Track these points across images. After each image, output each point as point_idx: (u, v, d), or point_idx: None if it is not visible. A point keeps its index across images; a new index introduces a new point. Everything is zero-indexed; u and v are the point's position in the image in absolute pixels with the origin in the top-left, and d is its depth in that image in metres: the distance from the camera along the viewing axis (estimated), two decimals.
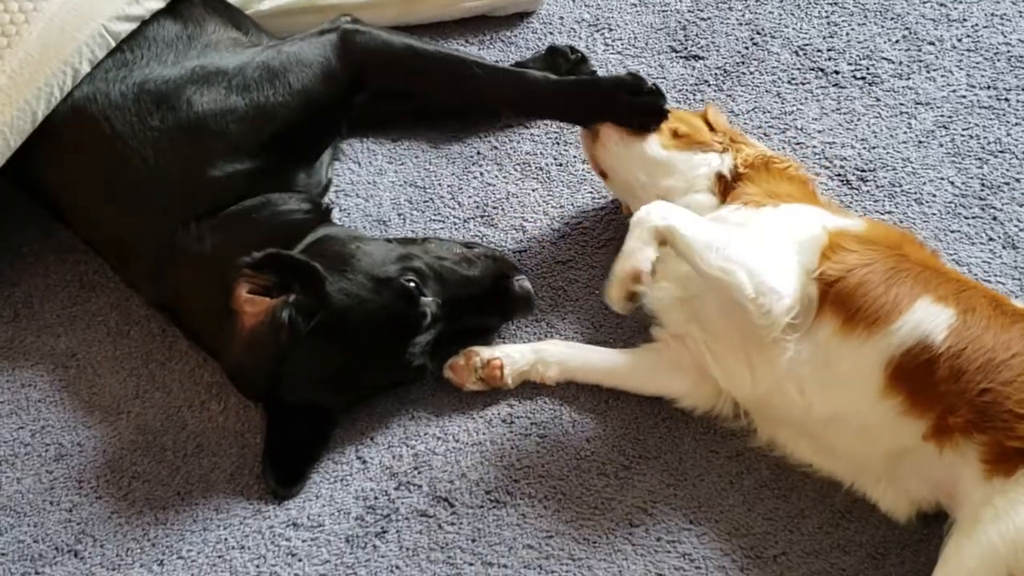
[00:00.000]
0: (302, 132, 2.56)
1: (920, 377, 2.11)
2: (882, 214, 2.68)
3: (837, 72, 2.97)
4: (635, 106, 2.55)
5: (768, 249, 2.24)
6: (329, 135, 2.70)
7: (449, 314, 2.41)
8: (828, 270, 2.22)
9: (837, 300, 2.20)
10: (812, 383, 2.21)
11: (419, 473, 2.40)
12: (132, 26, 2.61)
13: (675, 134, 2.55)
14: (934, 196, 2.71)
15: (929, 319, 2.13)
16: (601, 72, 3.01)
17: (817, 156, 2.81)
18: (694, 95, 2.96)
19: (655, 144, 2.56)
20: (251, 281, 2.28)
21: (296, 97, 2.53)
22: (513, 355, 2.44)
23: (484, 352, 2.42)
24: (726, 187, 2.46)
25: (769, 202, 2.37)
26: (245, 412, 2.49)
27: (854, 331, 2.17)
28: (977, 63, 2.95)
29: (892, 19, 3.06)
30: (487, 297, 2.46)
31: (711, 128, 2.56)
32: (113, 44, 2.59)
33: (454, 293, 2.42)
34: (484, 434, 2.43)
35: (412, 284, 2.36)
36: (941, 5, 3.07)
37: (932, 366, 2.10)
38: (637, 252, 2.25)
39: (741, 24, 3.09)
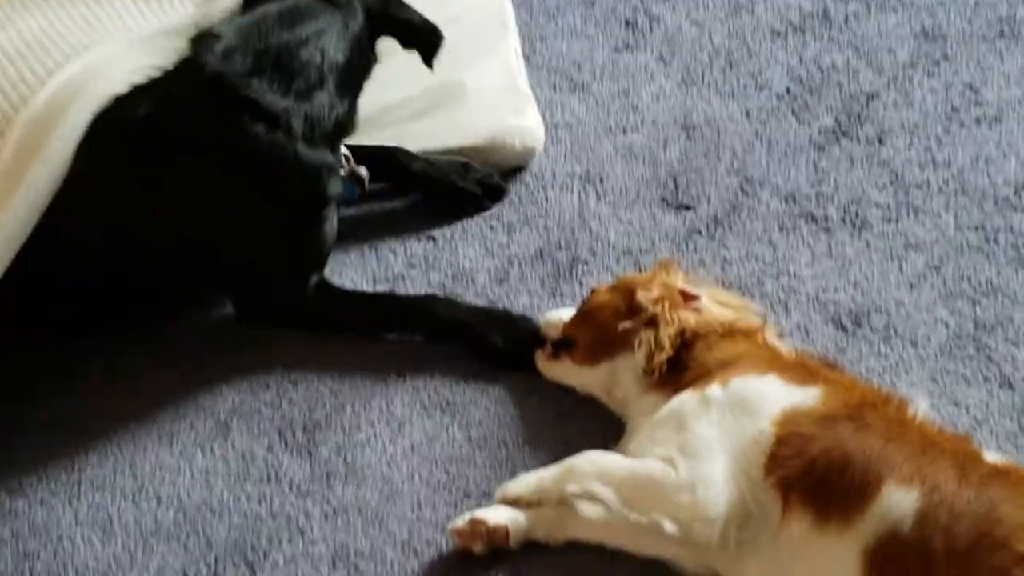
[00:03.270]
0: None
1: (894, 566, 2.07)
2: (878, 357, 2.70)
3: (827, 218, 3.02)
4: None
5: (691, 473, 2.23)
6: None
7: None
8: (783, 474, 2.18)
9: (805, 496, 2.15)
10: None
11: None
12: None
13: (589, 347, 2.59)
14: (928, 338, 2.73)
15: (895, 506, 2.08)
16: (594, 224, 3.06)
17: (811, 301, 2.84)
18: (687, 244, 3.00)
19: (569, 366, 2.64)
20: None
21: None
22: (519, 519, 2.41)
23: (490, 520, 2.39)
24: (669, 373, 2.45)
25: (718, 378, 2.35)
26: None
27: (828, 526, 2.12)
28: (964, 205, 3.00)
29: (879, 164, 3.12)
30: None
31: (631, 310, 2.54)
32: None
33: None
34: None
35: None
36: (926, 149, 3.14)
37: (903, 556, 2.06)
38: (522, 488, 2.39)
39: (730, 173, 3.15)
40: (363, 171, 3.00)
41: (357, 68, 2.90)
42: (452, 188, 3.10)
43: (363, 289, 2.97)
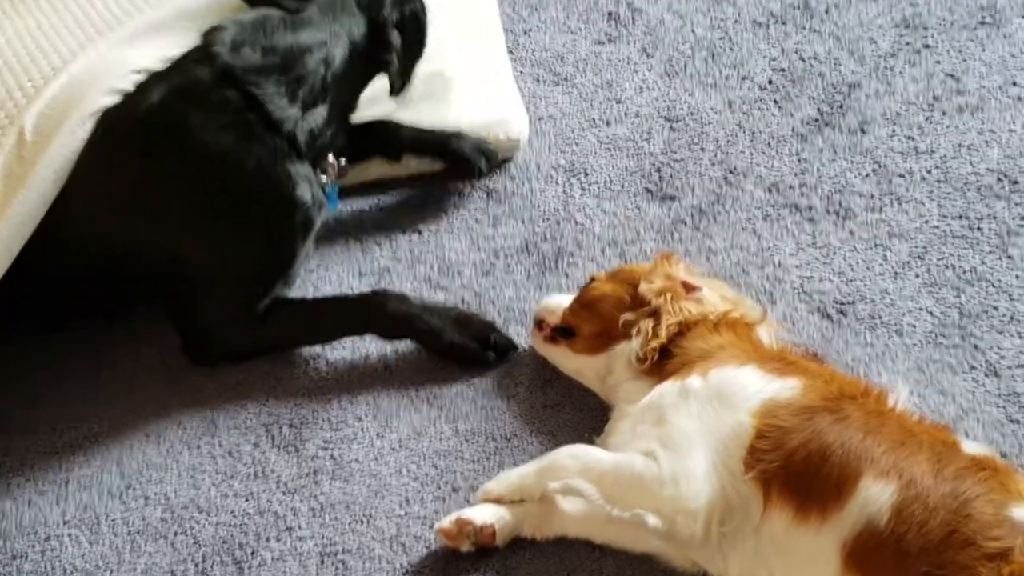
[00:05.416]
0: None
1: (871, 559, 2.08)
2: (863, 347, 2.71)
3: (810, 207, 3.02)
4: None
5: (672, 466, 2.23)
6: None
7: None
8: (762, 468, 2.18)
9: (785, 489, 2.16)
10: (779, 570, 2.18)
11: None
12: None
13: (592, 337, 2.60)
14: (914, 327, 2.74)
15: (873, 499, 2.10)
16: (579, 216, 3.06)
17: (796, 291, 2.84)
18: (672, 235, 3.00)
19: (567, 353, 2.65)
20: None
21: None
22: (504, 517, 2.40)
23: (476, 520, 2.38)
24: (657, 361, 2.45)
25: (698, 369, 2.35)
26: None
27: (808, 519, 2.13)
28: (948, 194, 3.00)
29: (861, 154, 3.13)
30: None
31: (635, 302, 2.55)
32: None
33: None
34: None
35: None
36: (908, 138, 3.14)
37: (880, 549, 2.08)
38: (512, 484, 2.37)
39: (713, 164, 3.16)
40: (342, 162, 2.98)
41: (356, 82, 2.92)
42: (446, 147, 3.11)
43: (312, 295, 2.94)
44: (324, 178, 2.88)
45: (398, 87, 2.96)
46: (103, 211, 2.71)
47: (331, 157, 2.92)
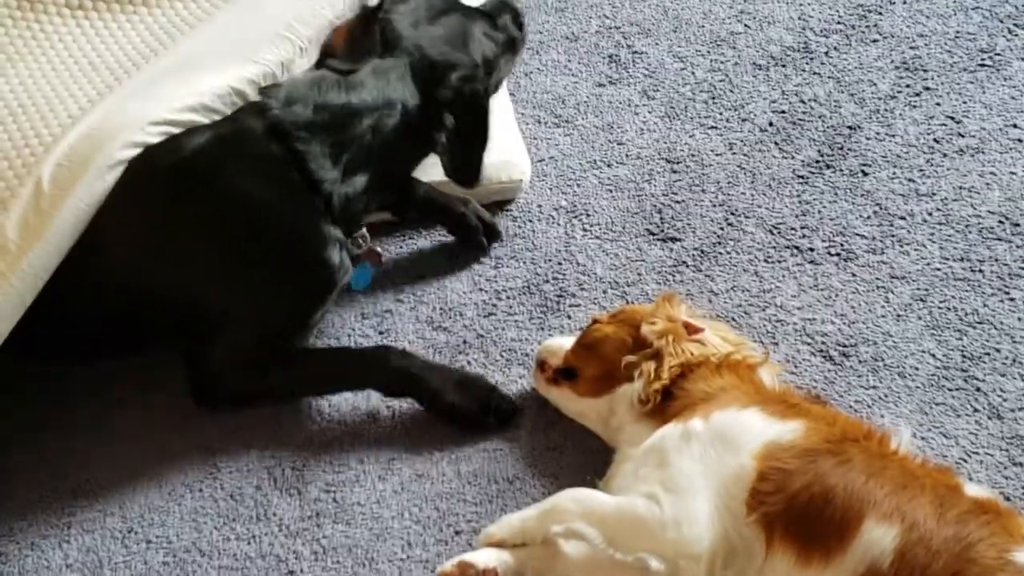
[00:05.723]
0: None
1: None
2: (866, 389, 2.71)
3: (812, 249, 3.03)
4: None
5: (675, 509, 2.23)
6: None
7: None
8: (765, 510, 2.18)
9: (787, 532, 2.16)
10: None
11: None
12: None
13: (594, 379, 2.60)
14: (916, 369, 2.74)
15: (875, 542, 2.09)
16: (581, 257, 3.07)
17: (798, 333, 2.84)
18: (673, 276, 3.01)
19: (569, 395, 2.66)
20: None
21: None
22: (506, 560, 2.39)
23: (479, 563, 2.36)
24: (659, 402, 2.45)
25: (700, 411, 2.36)
26: None
27: (811, 562, 2.13)
28: (949, 236, 3.01)
29: (862, 196, 3.13)
30: None
31: (637, 343, 2.56)
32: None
33: None
34: None
35: None
36: (909, 180, 3.15)
37: None
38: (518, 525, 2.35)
39: (715, 205, 3.16)
40: (379, 248, 2.99)
41: (405, 157, 2.93)
42: (453, 215, 3.10)
43: (316, 345, 2.92)
44: (355, 249, 2.89)
45: (450, 170, 2.93)
46: (131, 255, 2.70)
47: (366, 233, 2.93)
